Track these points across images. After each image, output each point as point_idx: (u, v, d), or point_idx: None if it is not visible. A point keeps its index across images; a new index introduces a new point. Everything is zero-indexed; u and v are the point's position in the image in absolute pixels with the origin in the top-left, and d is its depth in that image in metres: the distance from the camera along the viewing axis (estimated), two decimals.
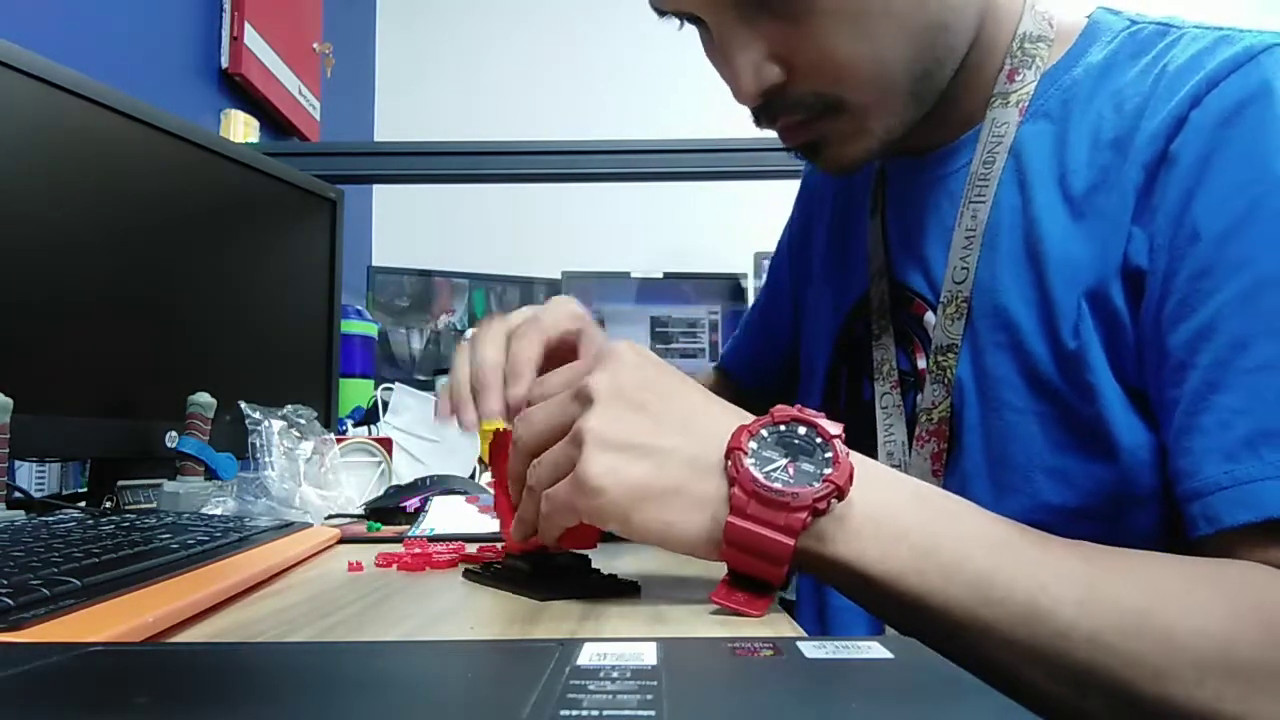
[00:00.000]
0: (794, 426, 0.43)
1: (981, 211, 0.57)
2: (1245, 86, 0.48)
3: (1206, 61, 0.50)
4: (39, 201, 0.80)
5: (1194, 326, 0.47)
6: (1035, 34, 0.58)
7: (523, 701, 0.22)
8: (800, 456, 0.42)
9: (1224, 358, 0.45)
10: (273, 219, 1.13)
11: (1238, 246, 0.46)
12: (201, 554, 0.52)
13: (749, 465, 0.42)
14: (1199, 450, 0.46)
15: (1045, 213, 0.54)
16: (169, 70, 1.55)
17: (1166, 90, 0.51)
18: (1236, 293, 0.46)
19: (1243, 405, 0.44)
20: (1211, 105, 0.48)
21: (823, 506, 0.41)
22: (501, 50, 2.71)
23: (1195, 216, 0.47)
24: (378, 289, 2.14)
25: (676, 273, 2.27)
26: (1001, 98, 0.58)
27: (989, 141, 0.58)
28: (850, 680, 0.26)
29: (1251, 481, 0.44)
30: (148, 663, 0.30)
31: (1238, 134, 0.47)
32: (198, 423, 0.84)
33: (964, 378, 0.57)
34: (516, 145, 1.54)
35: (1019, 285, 0.55)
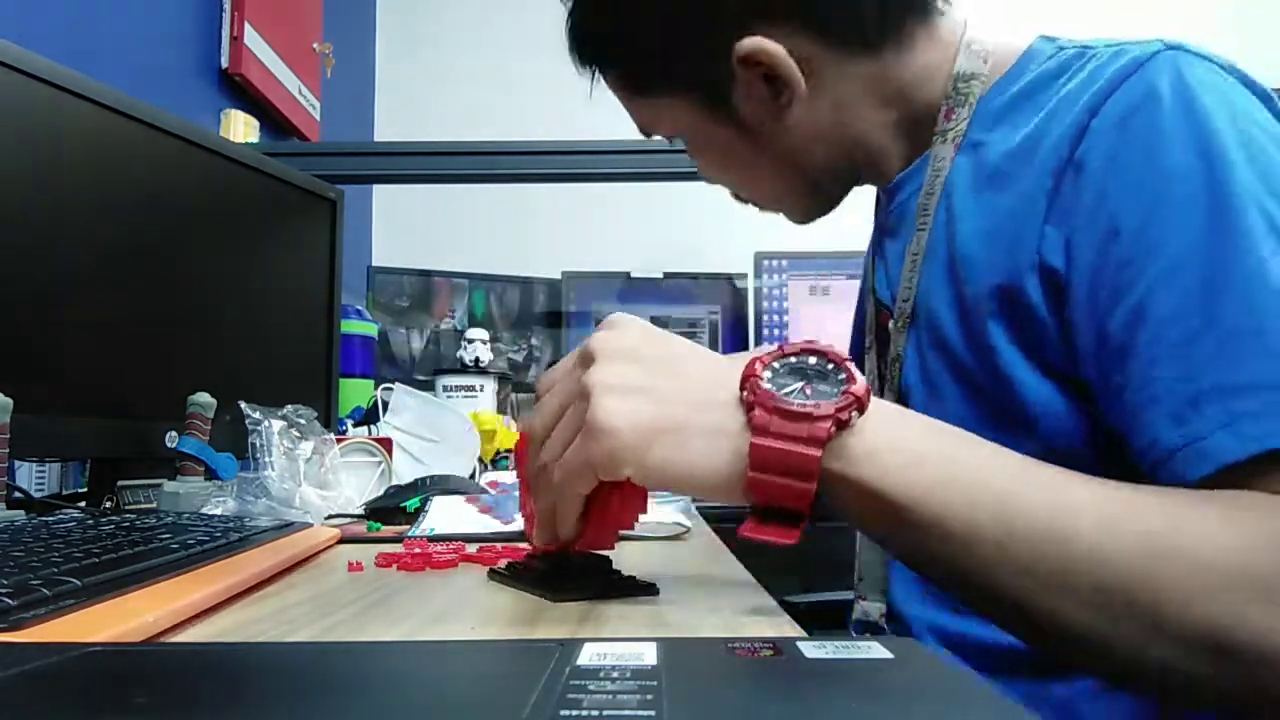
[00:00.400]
0: (805, 356, 0.44)
1: (924, 237, 0.63)
2: (1135, 91, 0.53)
3: (1101, 74, 0.55)
4: (39, 201, 0.80)
5: (1125, 311, 0.50)
6: (969, 73, 0.64)
7: (523, 701, 0.22)
8: (815, 380, 0.43)
9: (1156, 334, 0.49)
10: (273, 219, 1.13)
11: (1151, 235, 0.50)
12: (201, 554, 0.52)
13: (767, 385, 0.42)
14: (1152, 422, 0.48)
15: (962, 223, 0.60)
16: (169, 70, 1.55)
17: (1069, 101, 0.56)
18: (1157, 275, 0.49)
19: (1181, 373, 0.47)
20: (1108, 112, 0.53)
21: (845, 417, 0.42)
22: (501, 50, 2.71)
23: (1111, 214, 0.52)
24: (378, 289, 2.13)
25: (676, 273, 2.27)
26: (940, 135, 0.64)
27: (930, 175, 0.64)
28: (850, 680, 0.26)
29: (1201, 438, 0.46)
30: (148, 663, 0.30)
31: (1134, 135, 0.52)
32: (198, 423, 0.84)
33: (911, 379, 0.63)
34: (516, 145, 1.54)
35: (943, 289, 0.61)
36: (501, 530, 0.76)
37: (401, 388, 1.21)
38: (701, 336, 2.23)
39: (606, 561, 0.52)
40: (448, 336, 2.17)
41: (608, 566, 0.52)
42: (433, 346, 2.16)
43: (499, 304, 2.26)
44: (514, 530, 0.76)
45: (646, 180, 1.61)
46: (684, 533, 0.80)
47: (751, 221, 2.03)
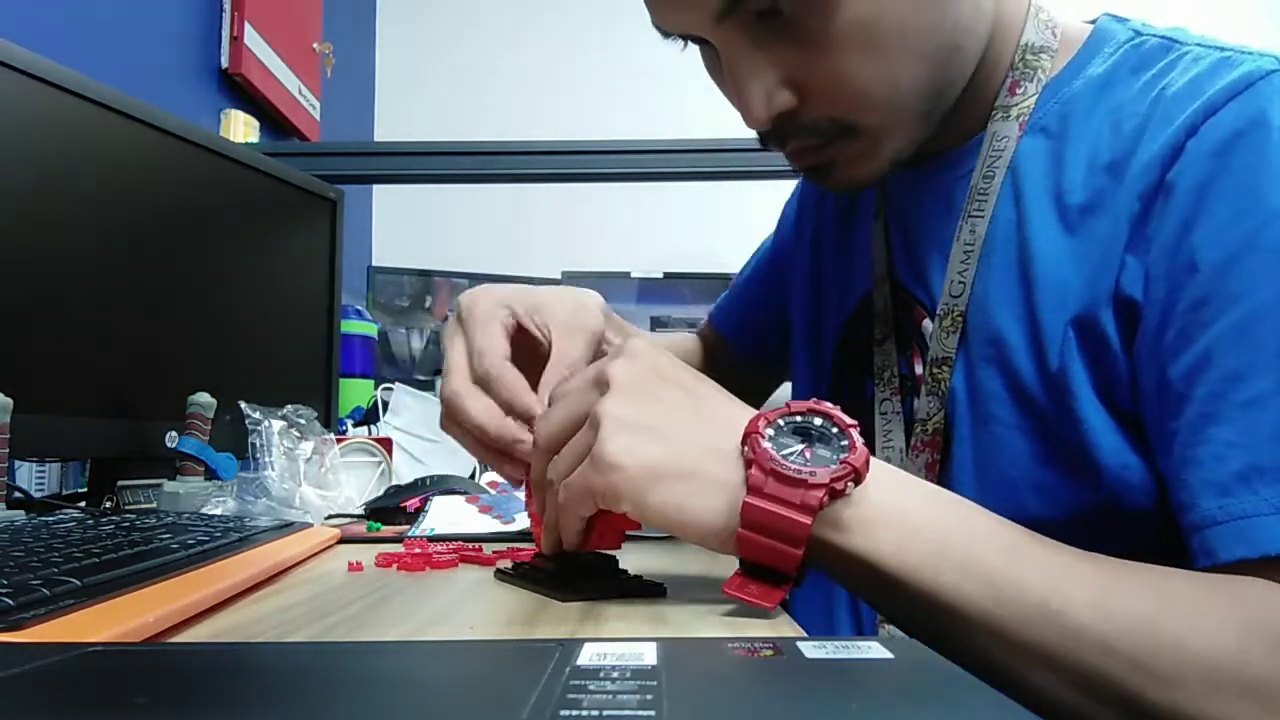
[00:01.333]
0: (810, 416, 0.44)
1: (980, 226, 0.57)
2: (1241, 116, 0.48)
3: (1205, 87, 0.50)
4: (39, 201, 0.80)
5: (1191, 358, 0.46)
6: (1038, 45, 0.58)
7: (523, 701, 0.22)
8: (817, 443, 0.43)
9: (1219, 390, 0.45)
10: (273, 219, 1.13)
11: (1234, 279, 0.46)
12: (201, 554, 0.52)
13: (767, 445, 0.42)
14: (1195, 484, 0.45)
15: (1039, 231, 0.54)
16: (169, 70, 1.55)
17: (1164, 115, 0.51)
18: (1232, 324, 0.45)
19: (1237, 439, 0.44)
20: (1208, 135, 0.48)
21: (840, 487, 0.41)
22: (502, 50, 2.71)
23: (1193, 248, 0.47)
24: (378, 289, 2.13)
25: (676, 273, 2.27)
26: (1003, 110, 0.58)
27: (989, 155, 0.57)
28: (850, 680, 0.26)
29: (1245, 517, 0.43)
30: (148, 663, 0.30)
31: (1234, 164, 0.47)
32: (198, 423, 0.84)
33: (958, 390, 0.58)
34: (516, 145, 1.54)
35: (1009, 302, 0.55)
36: (501, 530, 0.76)
37: (401, 388, 1.22)
38: None
39: (613, 561, 0.52)
40: None
41: (615, 566, 0.52)
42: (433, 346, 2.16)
43: None
44: (514, 530, 0.76)
45: (646, 180, 1.61)
46: None
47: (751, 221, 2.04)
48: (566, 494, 0.45)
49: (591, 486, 0.43)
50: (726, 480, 0.43)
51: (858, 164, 0.57)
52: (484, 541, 0.72)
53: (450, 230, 2.54)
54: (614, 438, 0.43)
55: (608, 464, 0.42)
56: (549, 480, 0.47)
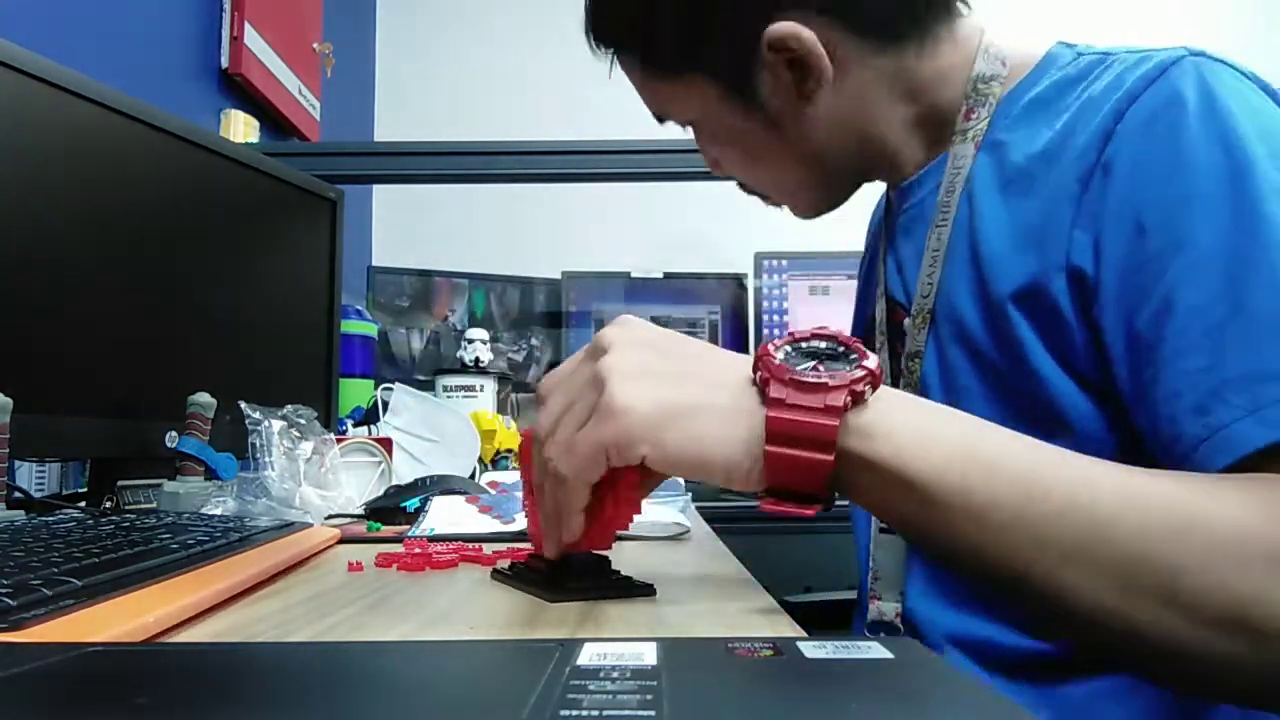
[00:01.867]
0: (815, 341, 0.45)
1: (944, 233, 0.63)
2: (1159, 95, 0.54)
3: (1126, 79, 0.56)
4: (39, 201, 0.80)
5: (1152, 308, 0.51)
6: (988, 75, 0.65)
7: (523, 701, 0.22)
8: (828, 360, 0.44)
9: (1182, 326, 0.49)
10: (273, 219, 1.13)
11: (1176, 229, 0.51)
12: (201, 554, 0.52)
13: (780, 360, 0.42)
14: (1177, 415, 0.49)
15: (985, 222, 0.61)
16: (169, 70, 1.55)
17: (1092, 107, 0.57)
18: (1183, 269, 0.50)
19: (1206, 363, 0.48)
20: (1133, 117, 0.54)
21: (860, 389, 0.42)
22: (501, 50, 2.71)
23: (1136, 212, 0.53)
24: (378, 289, 2.13)
25: (676, 273, 2.27)
26: (961, 134, 0.65)
27: (950, 173, 0.64)
28: (850, 680, 0.26)
29: (1224, 426, 0.46)
30: (148, 663, 0.30)
31: (1160, 136, 0.53)
32: (198, 423, 0.84)
33: (929, 374, 0.63)
34: (516, 145, 1.54)
35: (966, 284, 0.61)
36: (501, 530, 0.76)
37: (401, 388, 1.21)
38: (701, 336, 2.23)
39: (605, 562, 0.52)
40: (448, 336, 2.17)
41: (606, 567, 0.52)
42: (433, 346, 2.16)
43: (499, 304, 2.26)
44: (514, 530, 0.76)
45: (646, 180, 1.61)
46: (683, 533, 0.80)
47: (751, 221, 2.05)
48: (574, 458, 0.44)
49: (603, 438, 0.42)
50: (742, 406, 0.43)
51: (796, 211, 0.75)
52: (484, 541, 0.72)
53: (450, 230, 2.53)
54: (621, 385, 0.42)
55: (619, 408, 0.42)
56: (547, 459, 0.46)
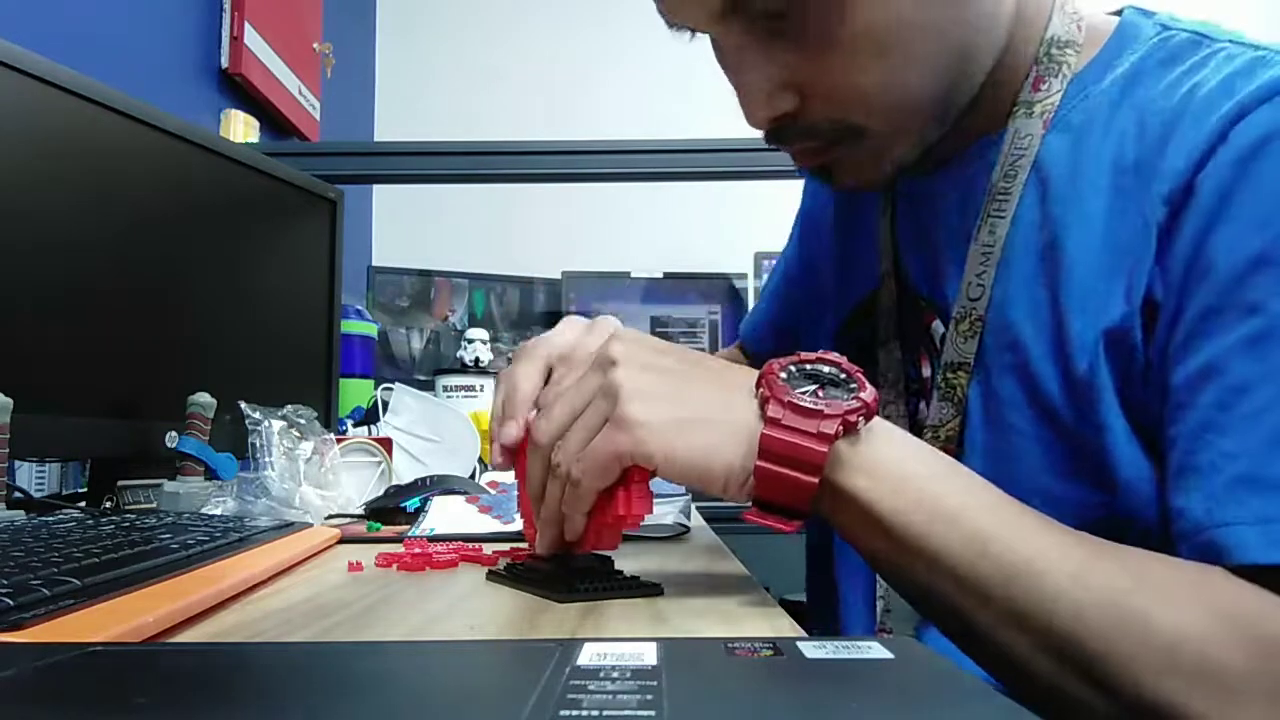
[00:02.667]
0: (819, 365, 0.46)
1: (1000, 227, 0.55)
2: (1268, 121, 0.46)
3: (1238, 87, 0.48)
4: (39, 201, 0.80)
5: (1197, 365, 0.46)
6: (1064, 39, 0.56)
7: (523, 701, 0.22)
8: (828, 386, 0.45)
9: (1225, 400, 0.45)
10: (273, 219, 1.13)
11: (1250, 290, 0.45)
12: (201, 554, 0.52)
13: (782, 381, 0.44)
14: (1191, 490, 0.46)
15: (1066, 234, 0.52)
16: (169, 70, 1.55)
17: (1194, 118, 0.49)
18: (1244, 336, 0.45)
19: (1235, 449, 0.44)
20: (1236, 140, 0.47)
21: (853, 420, 0.43)
22: (501, 50, 2.71)
23: (1209, 254, 0.46)
24: (378, 289, 2.13)
25: (676, 273, 2.27)
26: (1026, 107, 0.55)
27: (1011, 153, 0.55)
28: (850, 680, 0.26)
29: (1226, 525, 0.43)
30: (148, 663, 0.30)
31: (1261, 170, 0.46)
32: (198, 423, 0.84)
33: (973, 397, 0.56)
34: (516, 145, 1.54)
35: (1032, 307, 0.53)
36: (501, 530, 0.76)
37: (401, 388, 1.22)
38: (701, 336, 2.23)
39: (609, 562, 0.52)
40: (448, 336, 2.17)
41: (611, 567, 0.52)
42: (433, 346, 2.16)
43: (499, 304, 2.26)
44: (514, 530, 0.76)
45: (646, 180, 1.61)
46: (684, 533, 0.80)
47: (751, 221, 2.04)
48: (585, 465, 0.45)
49: (618, 447, 0.44)
50: (746, 423, 0.44)
51: (863, 168, 0.56)
52: (484, 541, 0.72)
53: (450, 230, 2.54)
54: (632, 401, 0.44)
55: (633, 421, 0.44)
56: (555, 464, 0.47)
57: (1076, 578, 0.42)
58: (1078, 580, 0.42)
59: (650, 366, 0.46)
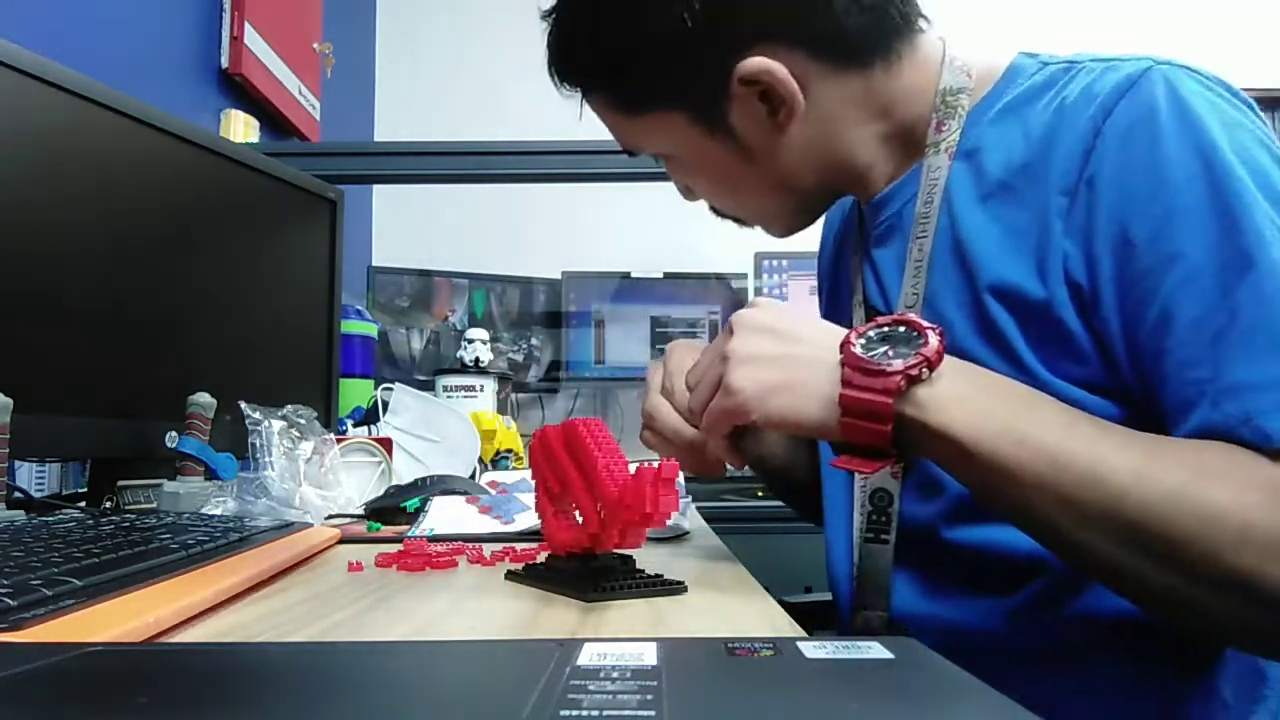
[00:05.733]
0: (895, 326, 0.53)
1: (926, 244, 0.65)
2: (1131, 109, 0.56)
3: (1097, 91, 0.58)
4: (39, 202, 0.80)
5: (1152, 321, 0.54)
6: (955, 87, 0.67)
7: (523, 701, 0.22)
8: (899, 344, 0.52)
9: (1184, 339, 0.53)
10: (273, 219, 1.13)
11: (1165, 243, 0.54)
12: (201, 554, 0.52)
13: (856, 350, 0.52)
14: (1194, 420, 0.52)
15: (967, 229, 0.63)
16: (169, 70, 1.55)
17: (1069, 122, 0.59)
18: (1177, 282, 0.53)
19: (1208, 374, 0.51)
20: (1109, 132, 0.56)
21: (915, 373, 0.50)
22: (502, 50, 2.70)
23: (1122, 227, 0.55)
24: (378, 289, 2.13)
25: (676, 273, 2.27)
26: (933, 147, 0.66)
27: (926, 184, 0.66)
28: (850, 680, 0.26)
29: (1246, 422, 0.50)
30: (148, 663, 0.30)
31: (1137, 150, 0.55)
32: (198, 423, 0.84)
33: None
34: (516, 145, 1.54)
35: (950, 291, 0.63)
36: (501, 530, 0.76)
37: (401, 388, 1.22)
38: (702, 336, 2.23)
39: (630, 561, 0.53)
40: (448, 336, 2.17)
41: (633, 565, 0.52)
42: (433, 346, 2.16)
43: (499, 304, 2.26)
44: (514, 530, 0.76)
45: (646, 180, 1.61)
46: (684, 534, 0.80)
47: None
48: (709, 419, 0.58)
49: (725, 408, 0.56)
50: (827, 382, 0.53)
51: (771, 231, 0.77)
52: (484, 541, 0.72)
53: (450, 230, 2.53)
54: (736, 369, 0.55)
55: (734, 389, 0.55)
56: (690, 409, 0.61)
57: (1137, 475, 0.48)
58: (1139, 477, 0.48)
59: (763, 329, 0.56)
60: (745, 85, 0.64)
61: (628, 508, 0.48)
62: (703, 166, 0.71)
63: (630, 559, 0.53)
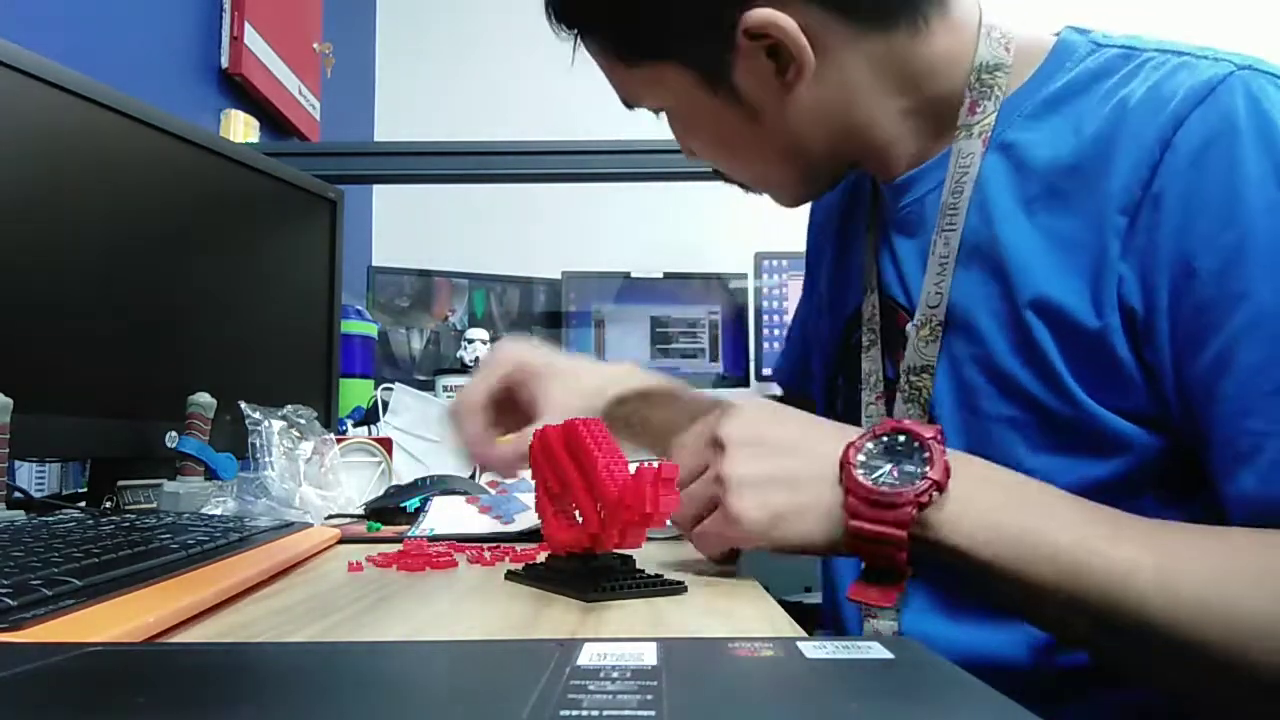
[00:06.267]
0: (895, 436, 0.50)
1: (953, 239, 0.60)
2: (1208, 122, 0.51)
3: (1169, 98, 0.52)
4: (39, 202, 0.80)
5: (1207, 359, 0.50)
6: (992, 63, 0.61)
7: (523, 701, 0.22)
8: (902, 460, 0.49)
9: (1245, 385, 0.49)
10: (273, 219, 1.13)
11: (1234, 281, 0.49)
12: (201, 554, 0.52)
13: (859, 476, 0.49)
14: (1241, 475, 0.49)
15: (1006, 233, 0.58)
16: (169, 70, 1.55)
17: (1132, 127, 0.53)
18: (1242, 324, 0.49)
19: (1265, 428, 0.48)
20: (1181, 146, 0.51)
21: (925, 500, 0.48)
22: (501, 50, 2.71)
23: (1187, 256, 0.50)
24: (378, 289, 2.13)
25: (676, 273, 2.27)
26: (965, 129, 0.61)
27: (955, 172, 0.60)
28: (850, 680, 0.26)
29: None
30: (148, 663, 0.30)
31: (1211, 171, 0.50)
32: (198, 423, 0.84)
33: (941, 393, 0.61)
34: (516, 145, 1.54)
35: (986, 300, 0.58)
36: (501, 530, 0.76)
37: (401, 388, 1.22)
38: (701, 336, 2.23)
39: (630, 561, 0.53)
40: (448, 336, 2.17)
41: (632, 566, 0.52)
42: (433, 346, 2.16)
43: (499, 304, 2.26)
44: (514, 530, 0.76)
45: (646, 180, 1.61)
46: None
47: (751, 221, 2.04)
48: (700, 541, 0.56)
49: (729, 536, 0.53)
50: (834, 505, 0.50)
51: (778, 200, 0.71)
52: (484, 542, 0.72)
53: (450, 230, 2.53)
54: (738, 496, 0.51)
55: (738, 519, 0.51)
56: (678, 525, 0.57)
57: (1163, 586, 0.46)
58: (1164, 587, 0.46)
59: (756, 443, 0.52)
60: (751, 39, 0.58)
61: (627, 508, 0.48)
62: (704, 125, 0.66)
63: (630, 559, 0.53)
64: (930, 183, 0.63)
